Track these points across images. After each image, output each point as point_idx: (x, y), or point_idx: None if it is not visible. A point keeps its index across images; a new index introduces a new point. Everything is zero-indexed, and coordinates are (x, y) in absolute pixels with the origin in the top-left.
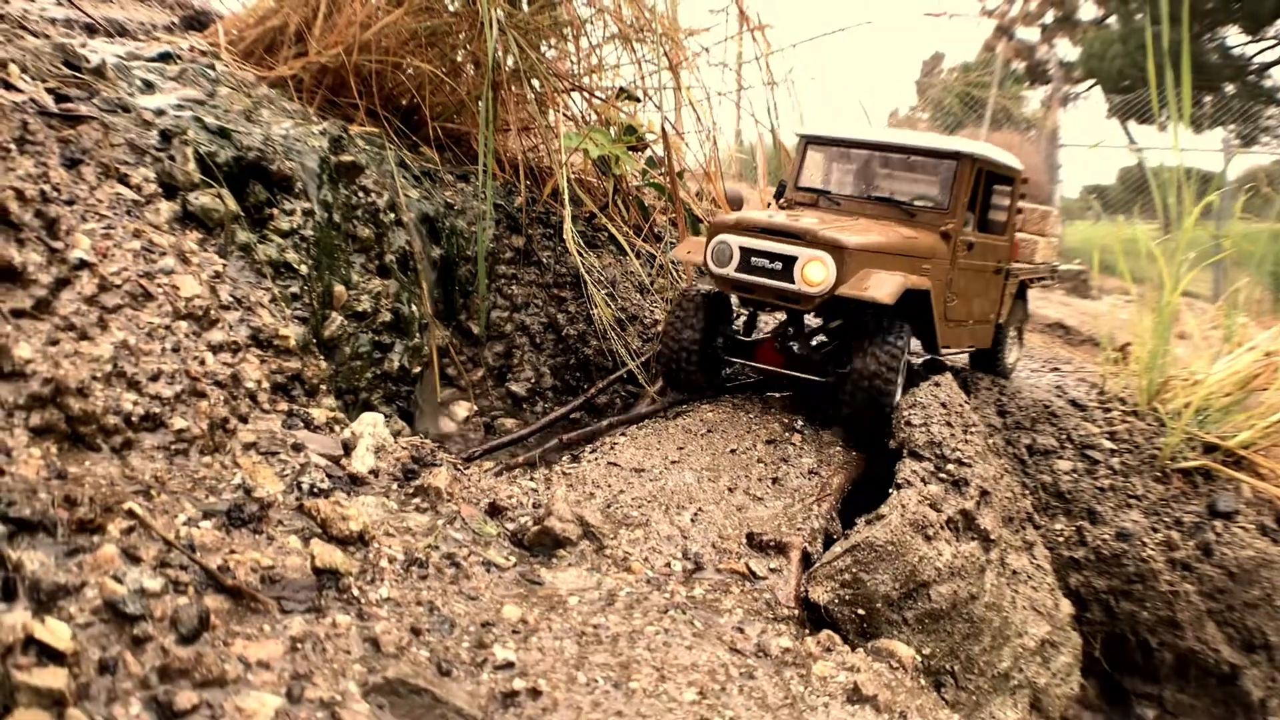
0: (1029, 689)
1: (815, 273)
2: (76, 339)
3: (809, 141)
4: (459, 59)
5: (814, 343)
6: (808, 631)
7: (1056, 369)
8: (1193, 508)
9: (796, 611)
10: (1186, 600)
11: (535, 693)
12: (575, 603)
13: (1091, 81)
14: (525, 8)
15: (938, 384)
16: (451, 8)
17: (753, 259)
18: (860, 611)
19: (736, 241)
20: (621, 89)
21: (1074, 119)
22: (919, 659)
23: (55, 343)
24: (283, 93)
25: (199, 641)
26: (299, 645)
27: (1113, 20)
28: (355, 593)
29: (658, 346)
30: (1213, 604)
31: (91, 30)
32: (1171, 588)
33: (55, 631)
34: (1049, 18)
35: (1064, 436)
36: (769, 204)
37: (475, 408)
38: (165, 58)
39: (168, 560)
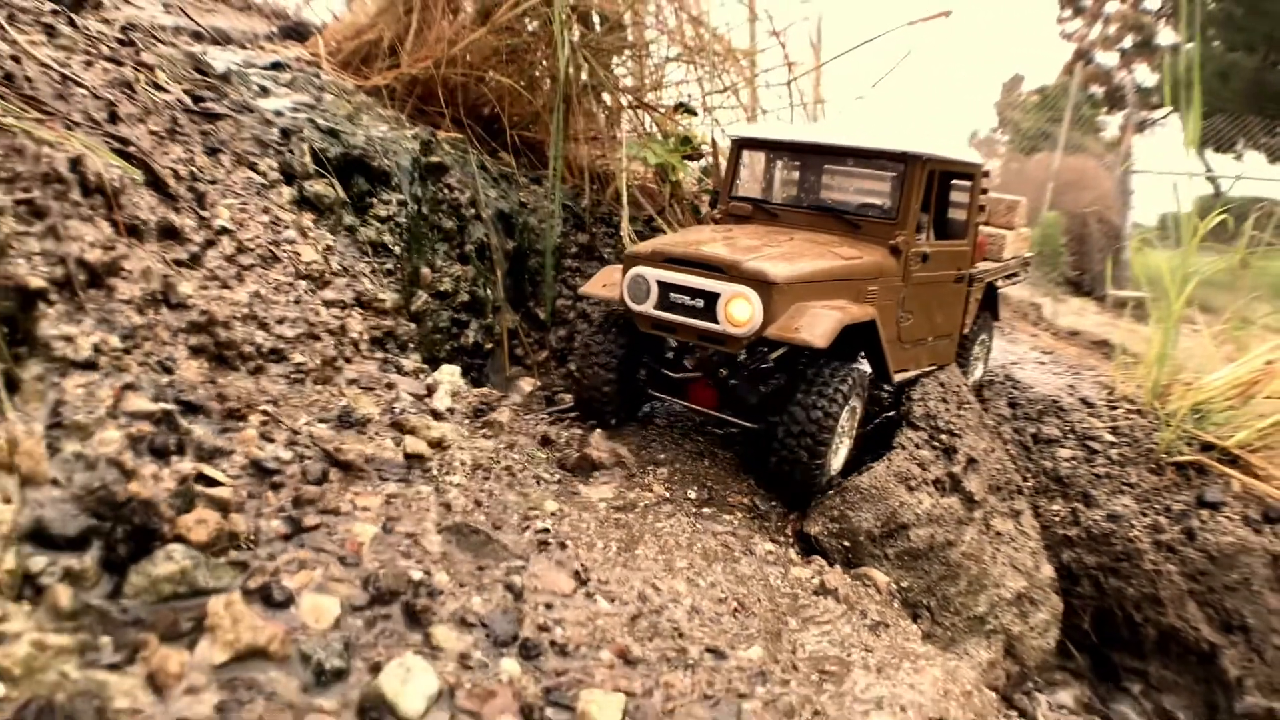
0: (1004, 635)
1: (740, 311)
2: (220, 286)
3: (741, 144)
4: (536, 74)
5: (750, 379)
6: (797, 553)
7: (1078, 373)
8: (1182, 498)
9: (792, 542)
10: (1169, 579)
11: (562, 545)
12: (603, 506)
13: (1169, 108)
14: (598, 28)
15: (940, 367)
16: (530, 28)
17: (672, 294)
18: (846, 543)
19: (653, 275)
20: (680, 104)
21: (1152, 146)
22: (895, 587)
23: (205, 287)
24: (378, 100)
25: (322, 486)
26: (392, 500)
27: (1191, 46)
28: (435, 473)
29: (575, 370)
30: (1194, 585)
31: (198, 37)
32: (1155, 567)
33: (216, 473)
34: (1128, 42)
35: (1068, 428)
36: (709, 218)
37: (538, 383)
38: (277, 66)
39: (295, 441)
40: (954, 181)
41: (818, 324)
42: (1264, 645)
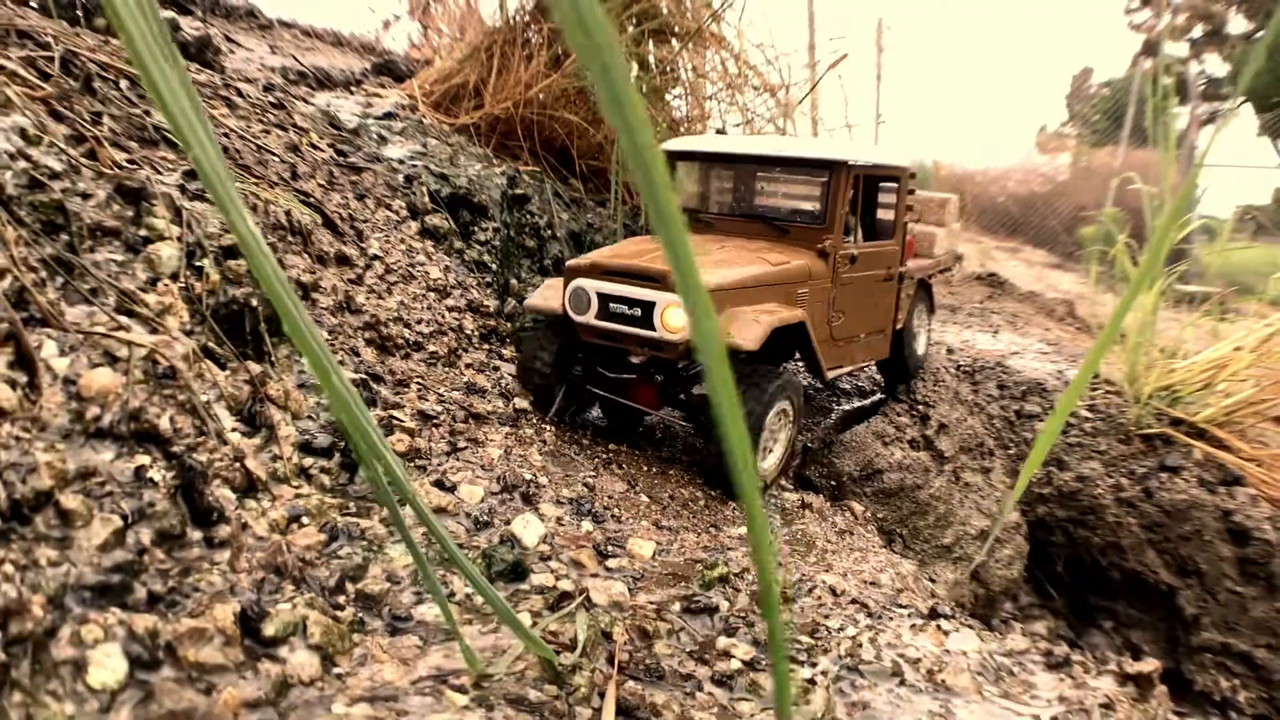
0: (969, 563)
1: (675, 318)
2: (378, 297)
3: (674, 157)
4: (599, 112)
5: (686, 380)
6: (790, 486)
7: (1074, 361)
8: (1146, 463)
9: (792, 483)
10: (1129, 530)
11: (620, 466)
12: (650, 450)
13: (1240, 99)
14: (654, 68)
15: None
16: None
17: (611, 305)
18: (833, 482)
19: (593, 286)
20: (719, 130)
21: (1223, 137)
22: (870, 515)
23: (369, 298)
24: (468, 139)
25: (466, 425)
26: (509, 436)
27: (1262, 34)
28: (534, 421)
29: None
30: (1151, 534)
31: (303, 76)
32: (1116, 519)
33: (400, 415)
34: (1197, 32)
35: (1048, 406)
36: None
37: None
38: (389, 116)
39: (442, 400)
40: (882, 184)
41: (748, 329)
42: (1216, 588)
